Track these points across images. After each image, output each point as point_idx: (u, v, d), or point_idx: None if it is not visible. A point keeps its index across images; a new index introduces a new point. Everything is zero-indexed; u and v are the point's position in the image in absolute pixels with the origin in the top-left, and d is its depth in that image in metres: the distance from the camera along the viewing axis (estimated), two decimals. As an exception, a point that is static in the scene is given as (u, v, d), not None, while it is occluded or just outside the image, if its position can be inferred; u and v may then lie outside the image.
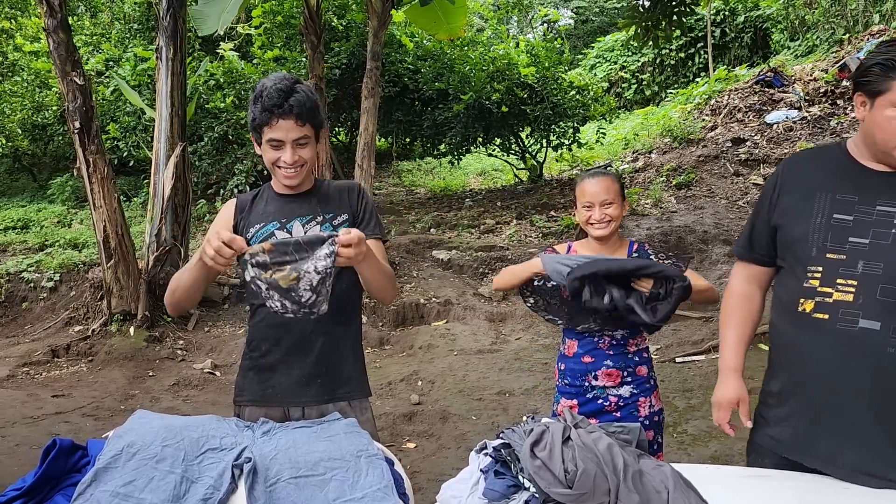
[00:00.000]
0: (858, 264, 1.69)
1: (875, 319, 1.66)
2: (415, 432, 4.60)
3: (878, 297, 1.66)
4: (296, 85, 2.01)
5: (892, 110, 1.65)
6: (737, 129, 10.84)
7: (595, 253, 2.46)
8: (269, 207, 2.16)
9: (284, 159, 2.03)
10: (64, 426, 4.84)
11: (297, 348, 2.11)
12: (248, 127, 2.11)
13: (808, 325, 1.75)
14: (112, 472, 1.53)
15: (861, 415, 1.69)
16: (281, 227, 2.12)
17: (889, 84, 1.64)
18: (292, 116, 1.98)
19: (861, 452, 1.69)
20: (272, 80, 2.01)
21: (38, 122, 12.33)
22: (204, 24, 7.16)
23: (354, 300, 2.21)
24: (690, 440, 4.12)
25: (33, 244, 9.39)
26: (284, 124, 1.99)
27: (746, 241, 1.99)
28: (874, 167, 1.77)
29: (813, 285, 1.75)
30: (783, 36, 14.91)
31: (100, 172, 6.79)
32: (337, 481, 1.58)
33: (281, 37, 11.68)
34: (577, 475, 1.35)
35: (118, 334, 6.77)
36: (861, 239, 1.70)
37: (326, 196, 2.18)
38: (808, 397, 1.78)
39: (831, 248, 1.73)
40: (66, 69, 6.61)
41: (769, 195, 1.91)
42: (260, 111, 1.99)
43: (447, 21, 8.35)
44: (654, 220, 8.52)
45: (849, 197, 1.75)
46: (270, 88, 1.97)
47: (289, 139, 2.01)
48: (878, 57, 1.67)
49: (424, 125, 11.52)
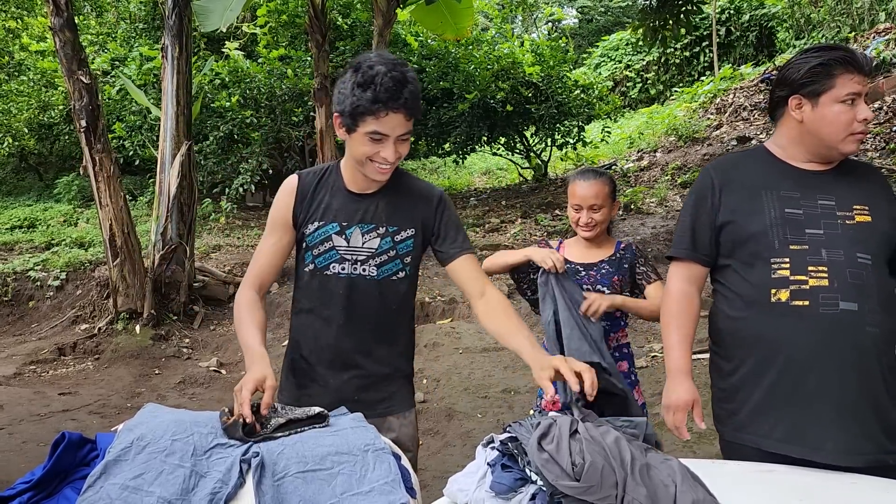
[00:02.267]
0: (822, 252, 1.80)
1: (853, 301, 1.76)
2: (420, 430, 4.57)
3: (850, 280, 1.77)
4: (408, 73, 1.78)
5: (839, 105, 1.81)
6: (742, 128, 10.82)
7: (583, 250, 2.56)
8: (332, 202, 1.97)
9: (385, 155, 1.82)
10: (71, 423, 4.86)
11: (334, 364, 2.00)
12: (339, 108, 1.82)
13: (788, 314, 1.81)
14: (122, 465, 1.53)
15: (847, 395, 1.76)
16: (340, 232, 1.95)
17: (832, 82, 1.81)
18: (403, 110, 1.77)
19: (849, 433, 1.75)
20: (383, 63, 1.76)
21: (45, 122, 12.37)
22: (207, 20, 7.18)
23: (401, 320, 2.05)
24: (696, 437, 4.11)
25: (40, 243, 9.43)
26: (394, 118, 1.77)
27: (689, 243, 2.01)
28: (804, 167, 1.92)
29: (784, 275, 1.82)
30: (788, 34, 14.85)
31: (106, 171, 6.81)
32: (344, 475, 1.59)
33: (286, 36, 11.69)
34: (585, 468, 1.35)
35: (124, 332, 6.80)
36: (816, 230, 1.82)
37: (399, 203, 1.98)
38: (792, 384, 1.81)
39: (792, 239, 1.83)
40: (72, 68, 6.63)
41: (707, 196, 1.97)
42: (370, 100, 1.74)
43: (454, 21, 8.34)
44: (658, 219, 8.51)
45: (792, 193, 1.87)
46: (385, 76, 1.72)
47: (395, 134, 1.80)
48: (813, 60, 1.83)
49: (429, 124, 11.52)
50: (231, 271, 8.02)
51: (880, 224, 1.84)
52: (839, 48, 1.85)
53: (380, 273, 1.97)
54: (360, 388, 2.01)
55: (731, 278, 1.95)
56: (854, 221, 1.83)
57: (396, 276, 1.99)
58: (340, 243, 1.95)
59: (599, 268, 2.54)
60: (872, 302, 1.77)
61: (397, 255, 1.98)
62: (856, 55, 1.83)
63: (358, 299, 1.97)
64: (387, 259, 1.97)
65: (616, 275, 2.52)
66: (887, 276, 1.84)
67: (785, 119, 1.94)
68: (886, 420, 1.78)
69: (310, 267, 2.00)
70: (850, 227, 1.82)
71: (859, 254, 1.80)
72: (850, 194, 1.87)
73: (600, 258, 2.56)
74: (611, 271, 2.52)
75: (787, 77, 1.89)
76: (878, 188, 1.92)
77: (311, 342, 2.03)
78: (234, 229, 10.10)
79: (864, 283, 1.77)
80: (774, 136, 2.01)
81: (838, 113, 1.82)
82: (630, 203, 9.06)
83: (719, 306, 1.99)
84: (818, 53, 1.85)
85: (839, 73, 1.81)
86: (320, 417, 1.76)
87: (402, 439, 2.01)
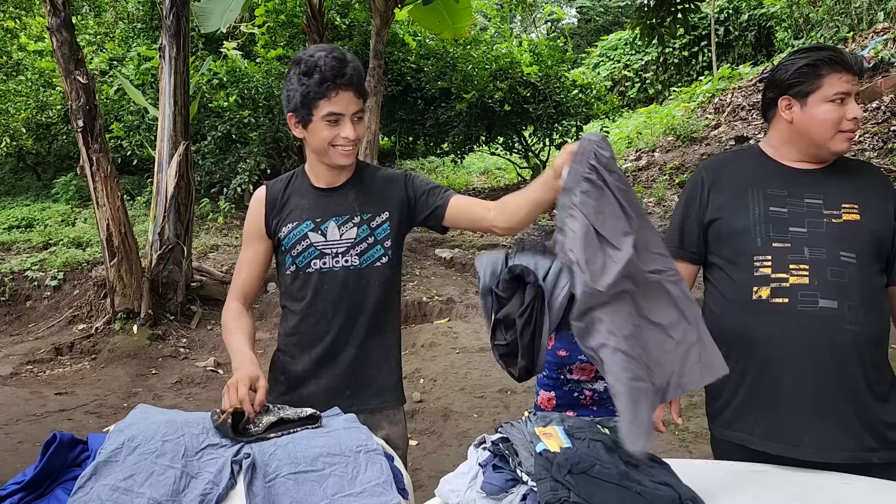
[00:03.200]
0: (804, 250, 1.81)
1: (832, 299, 1.77)
2: (416, 430, 4.60)
3: (830, 278, 1.78)
4: (347, 54, 1.86)
5: (827, 104, 1.84)
6: (740, 128, 10.83)
7: None
8: (303, 202, 2.00)
9: (345, 135, 1.86)
10: (67, 423, 4.85)
11: (326, 359, 2.00)
12: (291, 105, 1.88)
13: (767, 311, 1.82)
14: (112, 466, 1.53)
15: (825, 391, 1.77)
16: (315, 229, 1.98)
17: (820, 82, 1.84)
18: (352, 87, 1.84)
19: (827, 430, 1.76)
20: (322, 49, 1.84)
21: (42, 122, 12.34)
22: (207, 21, 7.18)
23: (390, 308, 2.07)
24: (692, 437, 4.11)
25: (37, 243, 9.41)
26: (345, 96, 1.83)
27: (678, 241, 2.04)
28: (795, 166, 1.94)
29: (766, 273, 1.83)
30: (787, 34, 14.85)
31: (103, 171, 6.81)
32: (336, 476, 1.58)
33: (284, 36, 11.69)
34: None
35: (121, 332, 6.79)
36: (799, 228, 1.84)
37: (368, 191, 2.01)
38: (770, 382, 1.82)
39: (775, 237, 1.84)
40: (69, 68, 6.62)
41: (697, 195, 2.00)
42: (318, 83, 1.81)
43: (452, 21, 8.34)
44: (656, 219, 8.52)
45: (779, 192, 1.89)
46: (326, 58, 1.81)
47: (349, 112, 1.85)
48: (800, 62, 1.86)
49: (427, 124, 11.52)
50: (228, 271, 8.02)
51: (870, 223, 1.84)
52: (827, 48, 1.87)
53: (363, 261, 1.98)
54: (353, 383, 2.01)
55: (717, 276, 1.97)
56: (841, 220, 1.84)
57: (380, 262, 2.00)
58: (317, 239, 1.97)
59: None
60: (854, 300, 1.77)
61: (376, 241, 1.99)
62: (844, 55, 1.85)
63: (344, 291, 1.98)
64: (367, 247, 1.99)
65: None
66: (874, 275, 1.84)
67: (776, 120, 1.96)
68: (869, 418, 1.78)
69: (291, 269, 2.01)
70: (836, 225, 1.83)
71: (843, 252, 1.80)
72: (840, 193, 1.88)
73: None
74: None
75: (777, 78, 1.92)
76: (874, 187, 1.92)
77: (302, 341, 2.03)
78: (232, 229, 10.09)
79: (845, 281, 1.78)
80: (767, 136, 2.02)
81: (826, 112, 1.84)
82: (628, 203, 9.07)
83: (707, 304, 2.00)
84: (806, 54, 1.88)
85: (826, 72, 1.83)
86: (313, 419, 1.76)
87: (393, 437, 2.02)
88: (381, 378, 2.05)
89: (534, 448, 1.47)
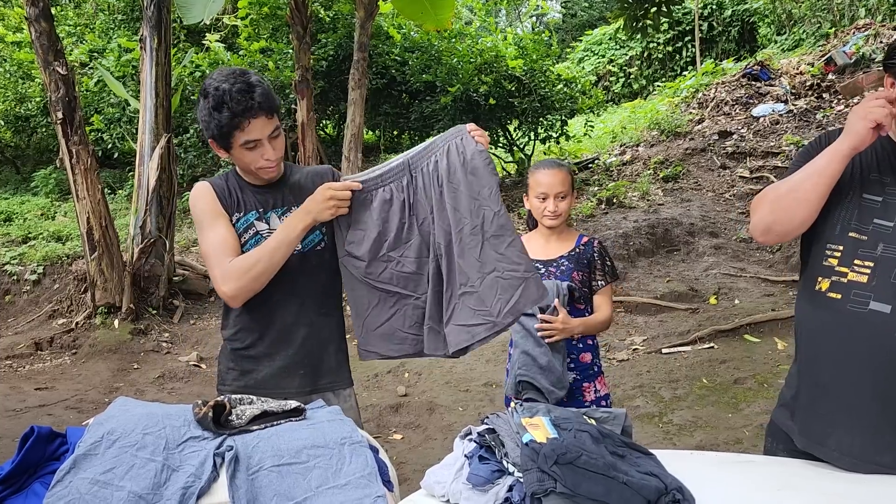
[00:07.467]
0: (878, 246, 1.65)
1: (886, 303, 1.62)
2: (401, 424, 4.59)
3: (893, 280, 1.63)
4: (251, 79, 1.94)
5: None
6: (724, 123, 10.88)
7: (542, 246, 2.55)
8: (244, 196, 2.11)
9: (267, 157, 1.99)
10: (47, 419, 4.80)
11: (279, 339, 2.10)
12: (209, 134, 1.98)
13: (822, 305, 1.72)
14: (92, 460, 1.50)
15: (861, 397, 1.64)
16: (260, 218, 2.10)
17: None
18: (263, 112, 1.92)
19: (854, 435, 1.65)
20: (224, 80, 1.91)
21: (21, 114, 12.16)
22: (189, 12, 7.06)
23: (335, 291, 2.19)
24: (676, 430, 4.13)
25: (16, 237, 9.28)
26: (257, 123, 1.93)
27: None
28: None
29: (832, 264, 1.70)
30: (770, 30, 14.96)
31: (83, 164, 6.72)
32: (320, 469, 1.57)
33: (267, 28, 11.59)
34: None
35: (102, 327, 6.72)
36: (886, 221, 1.66)
37: (298, 185, 2.15)
38: (813, 377, 1.76)
39: (855, 227, 1.69)
40: (48, 59, 6.52)
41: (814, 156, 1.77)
42: (229, 118, 1.90)
43: (434, 12, 8.26)
44: (641, 213, 8.54)
45: (882, 178, 1.71)
46: (231, 91, 1.89)
47: (265, 135, 1.95)
48: None
49: (412, 117, 11.46)
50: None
51: None
52: None
53: (304, 245, 2.09)
54: (305, 363, 2.11)
55: (805, 251, 1.85)
56: None
57: (319, 247, 2.12)
58: (262, 227, 2.08)
59: (559, 264, 2.53)
60: None
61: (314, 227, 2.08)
62: None
63: (291, 274, 2.06)
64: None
65: (575, 270, 2.51)
66: None
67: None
68: None
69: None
70: None
71: None
72: None
73: (559, 253, 2.55)
74: (570, 267, 2.51)
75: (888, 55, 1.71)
76: None
77: (254, 325, 2.10)
78: (215, 223, 10.01)
79: None
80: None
81: None
82: (612, 197, 9.08)
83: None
84: None
85: None
86: (297, 411, 1.74)
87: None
88: (330, 358, 2.16)
89: (520, 439, 1.46)
